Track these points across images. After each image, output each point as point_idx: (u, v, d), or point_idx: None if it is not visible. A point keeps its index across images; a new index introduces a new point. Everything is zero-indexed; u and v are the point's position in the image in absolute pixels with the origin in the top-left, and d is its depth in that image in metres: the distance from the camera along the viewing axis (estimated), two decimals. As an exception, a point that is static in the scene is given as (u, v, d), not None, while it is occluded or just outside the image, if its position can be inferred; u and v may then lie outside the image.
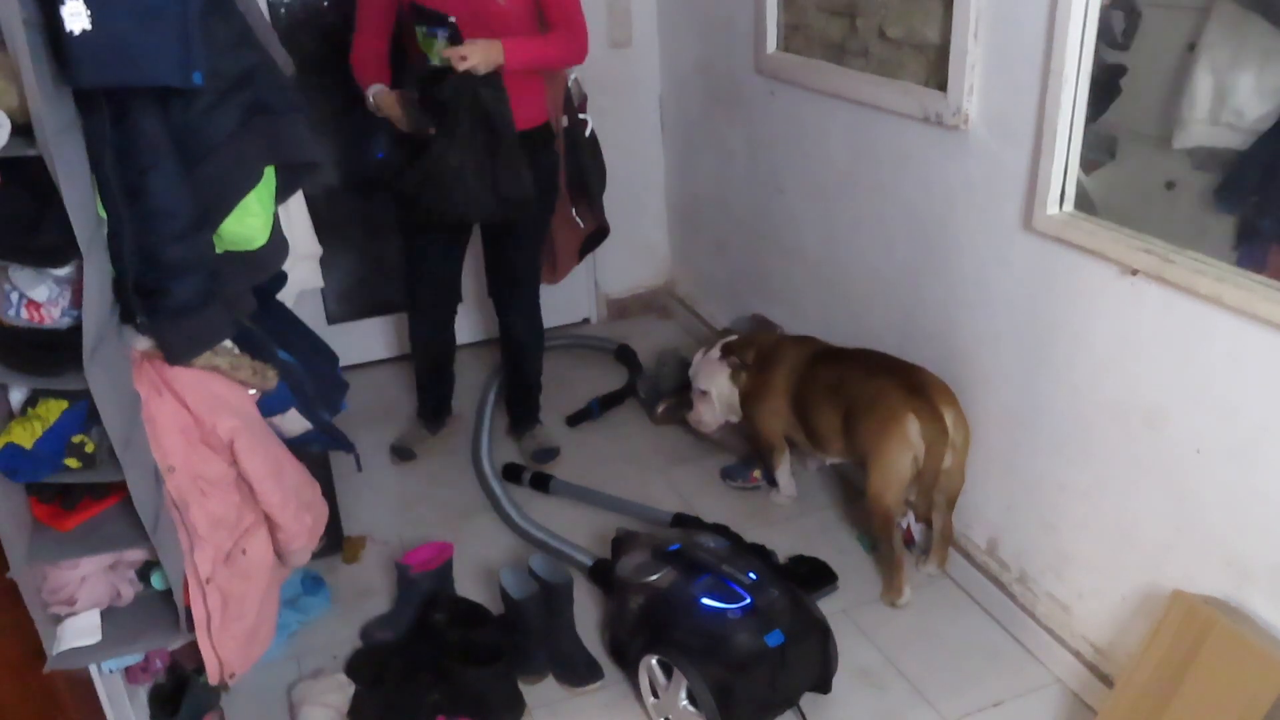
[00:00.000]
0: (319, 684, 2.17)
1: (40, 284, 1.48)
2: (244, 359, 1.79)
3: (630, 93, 3.59)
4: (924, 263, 2.38)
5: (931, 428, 2.20)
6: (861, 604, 2.40)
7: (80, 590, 1.71)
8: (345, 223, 3.45)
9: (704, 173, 3.48)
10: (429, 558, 2.39)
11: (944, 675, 2.19)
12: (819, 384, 2.47)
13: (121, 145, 1.47)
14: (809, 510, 2.77)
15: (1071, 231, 1.90)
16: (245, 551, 1.84)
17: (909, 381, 2.27)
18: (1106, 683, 2.04)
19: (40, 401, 1.60)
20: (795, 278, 2.99)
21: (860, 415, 2.32)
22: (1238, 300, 1.61)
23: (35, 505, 1.69)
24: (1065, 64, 1.81)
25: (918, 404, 2.21)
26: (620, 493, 2.82)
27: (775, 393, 2.59)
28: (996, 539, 2.33)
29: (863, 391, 2.32)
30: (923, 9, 2.21)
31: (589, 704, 2.17)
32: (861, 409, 2.31)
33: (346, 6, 3.24)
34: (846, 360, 2.48)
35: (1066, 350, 2.00)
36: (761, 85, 2.94)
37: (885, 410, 2.25)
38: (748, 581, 2.05)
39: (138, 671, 1.97)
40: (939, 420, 2.21)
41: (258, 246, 1.72)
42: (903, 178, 2.39)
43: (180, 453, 1.70)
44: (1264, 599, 1.70)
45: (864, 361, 2.44)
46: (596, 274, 3.84)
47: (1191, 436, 1.77)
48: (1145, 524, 1.91)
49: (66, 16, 1.31)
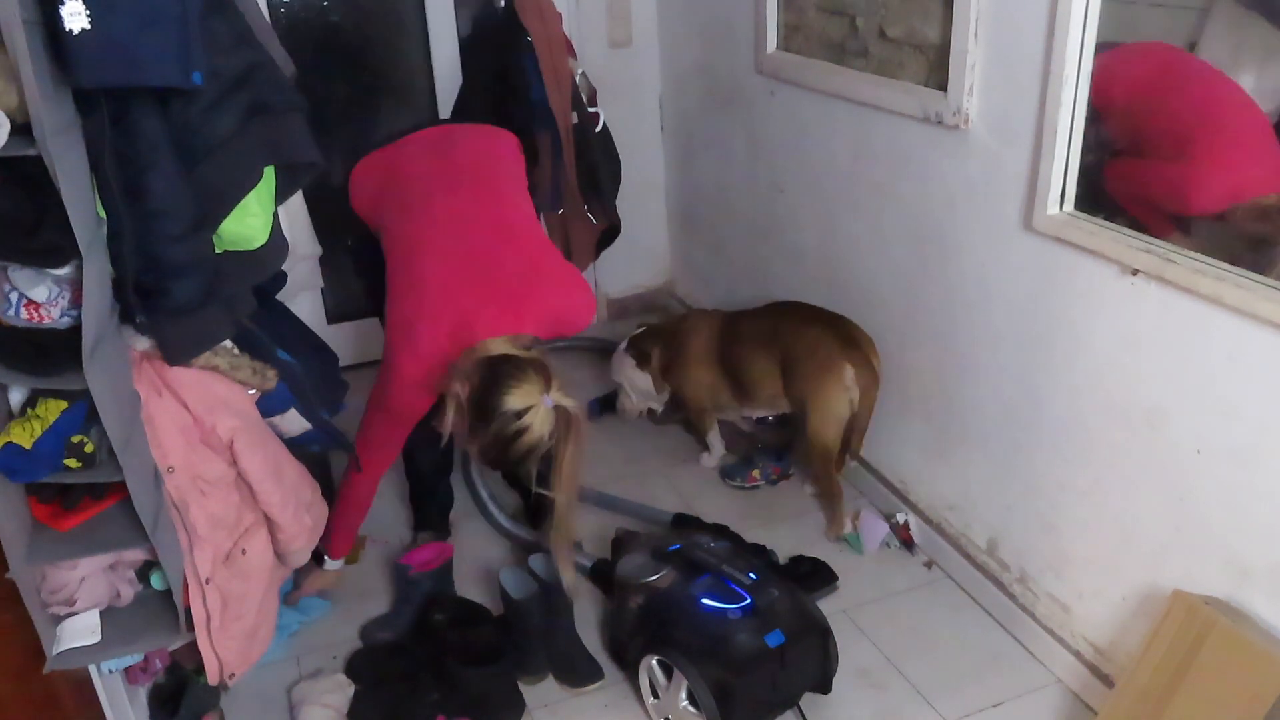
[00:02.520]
0: (319, 684, 2.17)
1: (40, 284, 1.48)
2: (244, 359, 1.79)
3: (630, 93, 3.59)
4: (924, 262, 2.38)
5: (864, 374, 2.49)
6: (861, 604, 2.40)
7: (80, 590, 1.71)
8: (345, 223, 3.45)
9: (704, 173, 3.47)
10: (429, 558, 2.39)
11: (944, 675, 2.19)
12: (747, 340, 2.70)
13: (121, 145, 1.47)
14: (809, 510, 2.77)
15: (1071, 231, 1.90)
16: (245, 552, 1.84)
17: (842, 332, 2.53)
18: (1107, 683, 2.03)
19: (40, 401, 1.60)
20: (795, 277, 2.98)
21: (799, 363, 2.55)
22: (1238, 300, 1.61)
23: (35, 505, 1.69)
24: (1065, 64, 1.81)
25: (853, 353, 2.49)
26: (620, 493, 2.82)
27: (696, 363, 2.83)
28: (996, 539, 2.33)
29: (799, 341, 2.56)
30: (923, 9, 2.20)
31: (589, 704, 2.17)
32: (800, 358, 2.55)
33: (347, 6, 3.25)
34: (771, 314, 2.74)
35: (1066, 350, 2.00)
36: (761, 85, 2.94)
37: (824, 358, 2.50)
38: (748, 581, 2.05)
39: (137, 671, 1.97)
40: (870, 367, 2.51)
41: (258, 246, 1.72)
42: (903, 178, 2.39)
43: (180, 453, 1.70)
44: (1264, 599, 1.70)
45: (793, 313, 2.67)
46: (596, 274, 3.83)
47: (1191, 436, 1.77)
48: (1145, 524, 1.91)
49: (66, 16, 1.31)
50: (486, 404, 1.87)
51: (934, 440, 2.49)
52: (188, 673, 2.06)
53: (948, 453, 2.44)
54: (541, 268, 2.08)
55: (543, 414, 1.87)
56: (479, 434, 1.91)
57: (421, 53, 3.35)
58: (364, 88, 3.37)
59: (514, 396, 1.86)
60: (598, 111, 3.02)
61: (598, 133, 3.05)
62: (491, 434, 1.88)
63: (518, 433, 1.87)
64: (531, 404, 1.86)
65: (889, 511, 2.64)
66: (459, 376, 1.91)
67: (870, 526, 2.61)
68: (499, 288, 2.00)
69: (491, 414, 1.86)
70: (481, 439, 1.91)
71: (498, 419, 1.86)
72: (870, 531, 2.60)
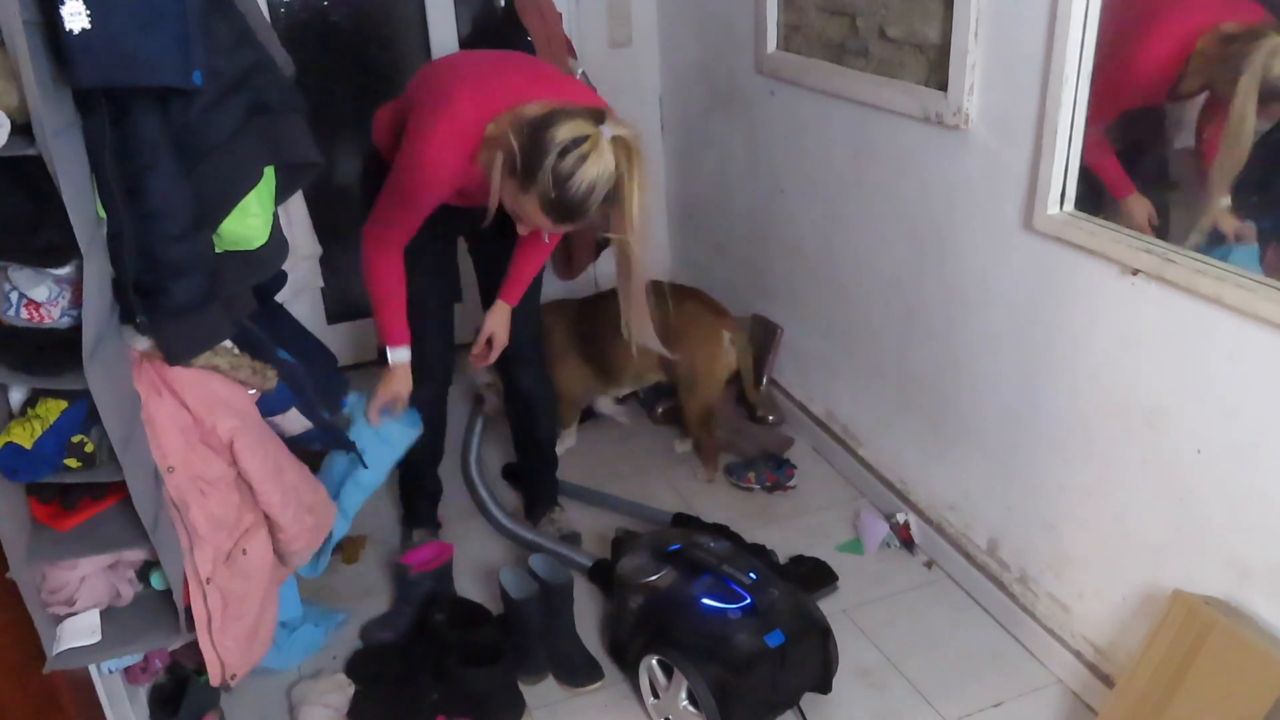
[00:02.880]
0: (319, 684, 2.17)
1: (39, 284, 1.48)
2: (244, 359, 1.78)
3: (630, 93, 3.59)
4: (924, 262, 2.38)
5: (739, 335, 2.86)
6: (861, 604, 2.40)
7: (80, 590, 1.71)
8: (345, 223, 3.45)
9: (704, 173, 3.47)
10: (429, 558, 2.39)
11: (944, 675, 2.19)
12: (608, 324, 2.65)
13: (121, 145, 1.46)
14: (809, 510, 2.77)
15: (1072, 231, 1.90)
16: (246, 552, 1.83)
17: (708, 303, 2.89)
18: (1107, 683, 2.03)
19: (40, 401, 1.59)
20: (795, 277, 2.99)
21: (680, 337, 2.69)
22: (1238, 300, 1.61)
23: (35, 505, 1.69)
24: (1065, 64, 1.81)
25: (725, 320, 2.86)
26: (620, 493, 2.82)
27: (560, 358, 2.92)
28: (996, 539, 2.33)
29: (675, 318, 2.66)
30: (923, 9, 2.20)
31: (589, 704, 2.17)
32: (680, 331, 2.70)
33: (347, 6, 3.25)
34: None
35: (1066, 350, 2.00)
36: (761, 85, 2.94)
37: (704, 329, 2.82)
38: (748, 581, 2.05)
39: (137, 671, 1.97)
40: (740, 329, 2.89)
41: (258, 246, 1.71)
42: (903, 177, 2.39)
43: (180, 453, 1.70)
44: (1264, 599, 1.70)
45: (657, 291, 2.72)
46: (597, 274, 3.83)
47: (1191, 436, 1.77)
48: (1145, 524, 1.91)
49: (66, 16, 1.31)
50: (537, 147, 1.72)
51: (934, 440, 2.49)
52: (188, 672, 2.06)
53: (948, 453, 2.44)
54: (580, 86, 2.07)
55: (602, 144, 1.72)
56: (534, 180, 1.74)
57: (422, 53, 3.35)
58: (364, 88, 3.37)
59: (569, 127, 1.71)
60: (599, 108, 3.02)
61: None
62: (550, 171, 1.71)
63: (578, 163, 1.71)
64: (588, 133, 1.72)
65: (889, 511, 2.64)
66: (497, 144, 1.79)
67: (870, 526, 2.61)
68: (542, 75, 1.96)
69: (544, 154, 1.71)
70: (539, 184, 1.74)
71: (552, 155, 1.70)
72: (870, 531, 2.60)
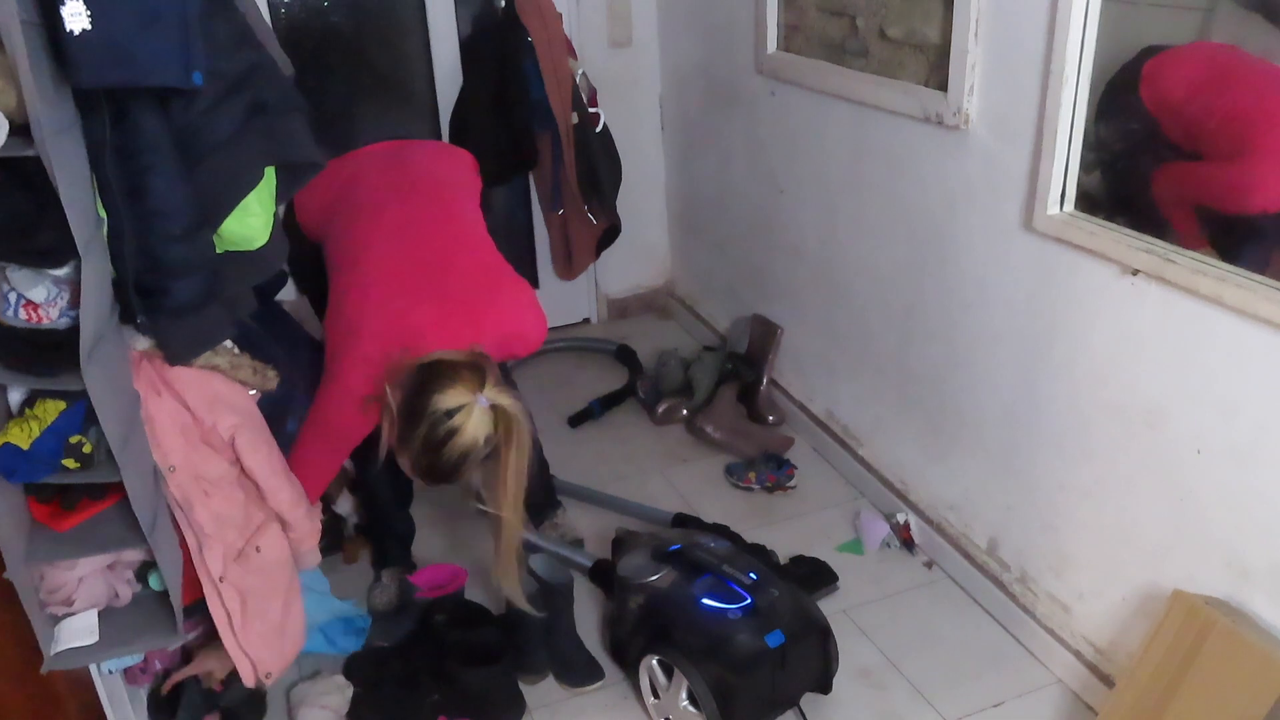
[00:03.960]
0: (318, 685, 2.16)
1: (38, 284, 1.48)
2: (244, 359, 1.79)
3: (630, 93, 3.59)
4: (924, 262, 2.38)
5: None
6: (861, 604, 2.40)
7: (78, 590, 1.71)
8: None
9: (704, 173, 3.47)
10: (441, 582, 2.35)
11: (944, 675, 2.19)
12: None
13: (121, 145, 1.47)
14: (809, 510, 2.77)
15: (1072, 231, 1.90)
16: (259, 549, 1.83)
17: None
18: (1107, 683, 2.03)
19: (38, 402, 1.59)
20: (795, 278, 2.98)
21: None
22: (1238, 300, 1.61)
23: (33, 505, 1.69)
24: (1065, 64, 1.81)
25: None
26: (620, 493, 2.82)
27: None
28: (996, 539, 2.33)
29: None
30: (923, 9, 2.20)
31: (589, 704, 2.17)
32: None
33: (347, 7, 3.25)
34: None
35: (1066, 350, 2.00)
36: (761, 85, 2.94)
37: None
38: (748, 581, 2.05)
39: (137, 672, 1.97)
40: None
41: (258, 246, 1.72)
42: (903, 178, 2.39)
43: (180, 452, 1.70)
44: (1264, 599, 1.70)
45: None
46: (597, 274, 3.84)
47: (1191, 436, 1.77)
48: (1145, 524, 1.90)
49: (66, 16, 1.31)
50: (416, 407, 1.74)
51: (934, 440, 2.48)
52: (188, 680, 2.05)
53: (948, 453, 2.44)
54: (495, 283, 1.97)
55: (476, 414, 1.73)
56: (408, 442, 1.77)
57: (422, 53, 3.35)
58: (364, 88, 3.37)
59: (444, 396, 1.72)
60: (598, 111, 3.02)
61: (598, 133, 3.05)
62: (421, 439, 1.74)
63: (448, 435, 1.73)
64: (463, 403, 1.72)
65: (889, 511, 2.64)
66: (393, 384, 1.79)
67: (870, 526, 2.61)
68: (449, 297, 1.89)
69: (420, 417, 1.73)
70: (411, 447, 1.77)
71: (426, 421, 1.72)
72: (870, 531, 2.60)
